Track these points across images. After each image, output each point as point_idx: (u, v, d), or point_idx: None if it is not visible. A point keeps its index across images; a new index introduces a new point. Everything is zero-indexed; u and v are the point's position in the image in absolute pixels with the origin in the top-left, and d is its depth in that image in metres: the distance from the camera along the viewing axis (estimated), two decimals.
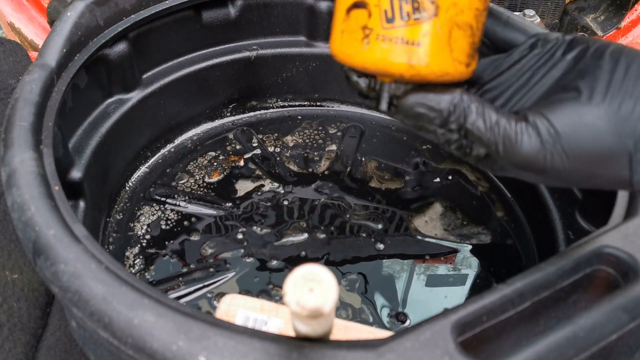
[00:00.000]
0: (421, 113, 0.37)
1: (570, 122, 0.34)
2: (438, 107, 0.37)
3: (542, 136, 0.35)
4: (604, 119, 0.34)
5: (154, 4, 0.66)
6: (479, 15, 0.37)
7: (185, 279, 0.59)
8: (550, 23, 1.05)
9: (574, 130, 0.34)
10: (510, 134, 0.35)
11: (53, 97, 0.50)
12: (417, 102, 0.37)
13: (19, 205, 0.39)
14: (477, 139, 0.37)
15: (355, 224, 0.66)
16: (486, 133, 0.36)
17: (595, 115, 0.34)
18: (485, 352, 0.34)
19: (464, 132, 0.37)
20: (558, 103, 0.36)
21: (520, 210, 0.69)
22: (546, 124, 0.35)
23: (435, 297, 0.60)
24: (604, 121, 0.34)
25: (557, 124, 0.35)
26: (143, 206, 0.67)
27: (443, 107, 0.37)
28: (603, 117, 0.34)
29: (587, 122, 0.34)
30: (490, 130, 0.36)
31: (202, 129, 0.78)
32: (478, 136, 0.36)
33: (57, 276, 0.36)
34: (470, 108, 0.36)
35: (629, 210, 0.44)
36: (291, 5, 0.76)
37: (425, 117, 0.37)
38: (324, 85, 0.82)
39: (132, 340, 0.32)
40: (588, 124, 0.34)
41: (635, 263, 0.37)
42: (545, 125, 0.35)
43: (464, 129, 0.37)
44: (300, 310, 0.28)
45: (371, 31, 0.36)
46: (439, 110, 0.37)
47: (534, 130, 0.35)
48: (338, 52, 0.39)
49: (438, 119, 0.37)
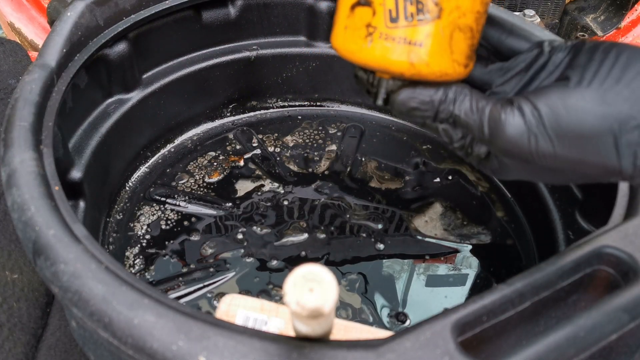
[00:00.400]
0: (413, 107, 0.38)
1: (553, 104, 0.35)
2: (429, 99, 0.38)
3: (526, 117, 0.35)
4: (589, 101, 0.34)
5: (154, 4, 0.66)
6: (479, 17, 0.38)
7: (185, 279, 0.59)
8: (550, 23, 1.05)
9: (557, 112, 0.35)
10: (496, 115, 0.36)
11: (53, 97, 0.50)
12: (409, 96, 0.38)
13: (19, 205, 0.39)
14: (465, 123, 0.38)
15: (355, 224, 0.66)
16: (472, 116, 0.37)
17: (580, 97, 0.35)
18: (485, 352, 0.34)
19: (452, 119, 0.38)
20: (546, 89, 0.36)
21: (520, 210, 0.69)
22: (530, 107, 0.36)
23: (435, 297, 0.60)
24: (588, 103, 0.34)
25: (541, 106, 0.35)
26: (143, 206, 0.67)
27: (434, 99, 0.38)
28: (588, 99, 0.34)
29: (570, 104, 0.35)
30: (477, 113, 0.37)
31: (202, 129, 0.78)
32: (465, 121, 0.38)
33: (57, 276, 0.36)
34: (459, 96, 0.38)
35: (629, 210, 0.44)
36: (291, 5, 0.76)
37: (417, 110, 0.38)
38: (324, 85, 0.82)
39: (132, 340, 0.32)
40: (571, 106, 0.35)
41: (635, 263, 0.37)
42: (529, 107, 0.36)
43: (453, 116, 0.38)
44: (300, 310, 0.28)
45: (375, 29, 0.37)
46: (430, 102, 0.38)
47: (518, 111, 0.36)
48: (340, 47, 0.39)
49: (430, 110, 0.38)
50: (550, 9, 1.03)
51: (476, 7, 0.37)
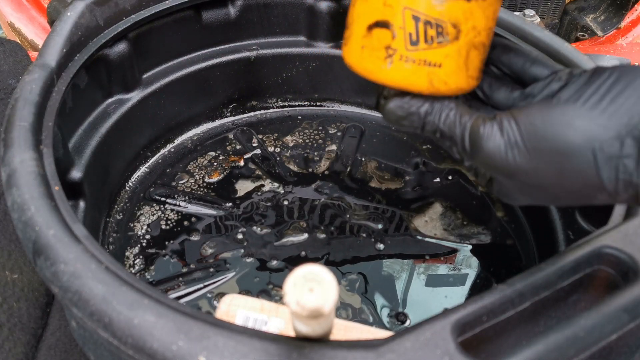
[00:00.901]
0: (401, 116, 0.39)
1: (533, 118, 0.35)
2: (416, 111, 0.39)
3: (504, 131, 0.36)
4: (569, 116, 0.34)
5: (154, 4, 0.66)
6: (490, 33, 0.39)
7: (185, 279, 0.59)
8: (550, 23, 1.05)
9: (536, 126, 0.35)
10: (475, 129, 0.37)
11: (53, 97, 0.50)
12: (397, 105, 0.39)
13: (19, 205, 0.39)
14: (449, 137, 0.39)
15: (355, 224, 0.66)
16: (455, 130, 0.38)
17: (560, 112, 0.35)
18: (485, 352, 0.34)
19: (438, 133, 0.39)
20: (530, 105, 0.37)
21: (520, 210, 0.69)
22: (510, 121, 0.36)
23: (435, 297, 0.60)
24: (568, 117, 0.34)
25: (521, 120, 0.36)
26: (143, 206, 0.67)
27: (421, 110, 0.39)
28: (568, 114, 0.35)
29: (550, 118, 0.35)
30: (459, 127, 0.38)
31: (202, 129, 0.78)
32: (449, 134, 0.38)
33: (57, 276, 0.36)
34: (445, 109, 0.38)
35: (629, 210, 0.44)
36: (291, 5, 0.76)
37: (405, 120, 0.39)
38: (324, 85, 0.81)
39: (132, 340, 0.32)
40: (551, 120, 0.35)
41: (635, 263, 0.37)
42: (508, 121, 0.36)
43: (439, 130, 0.39)
44: (300, 310, 0.28)
45: (395, 51, 0.37)
46: (416, 113, 0.39)
47: (497, 126, 0.36)
48: (357, 66, 0.40)
49: (417, 121, 0.39)
50: (550, 9, 1.03)
51: (489, 24, 0.38)
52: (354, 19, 0.39)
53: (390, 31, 0.37)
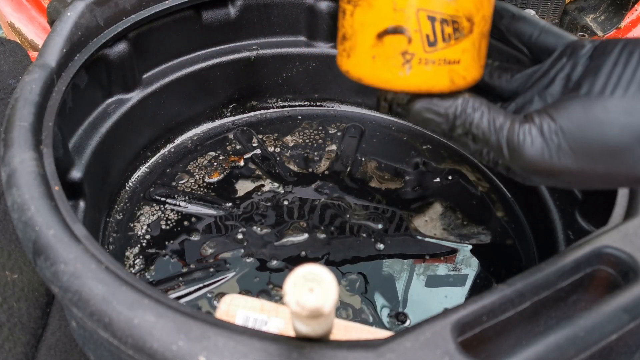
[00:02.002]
0: (428, 118, 0.38)
1: (575, 119, 0.34)
2: (444, 112, 0.37)
3: (545, 136, 0.34)
4: (612, 112, 0.33)
5: (154, 4, 0.66)
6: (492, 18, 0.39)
7: (185, 279, 0.59)
8: (550, 23, 1.05)
9: (580, 127, 0.34)
10: (514, 136, 0.35)
11: (53, 97, 0.50)
12: (424, 107, 0.37)
13: (19, 205, 0.39)
14: (484, 142, 0.37)
15: (355, 224, 0.66)
16: (491, 137, 0.36)
17: (602, 109, 0.33)
18: (485, 352, 0.34)
19: (471, 136, 0.37)
20: (564, 101, 0.35)
21: (520, 211, 0.69)
22: (550, 123, 0.34)
23: (435, 297, 0.60)
24: (611, 114, 0.33)
25: (562, 122, 0.34)
26: (143, 206, 0.67)
27: (450, 112, 0.37)
28: (611, 110, 0.33)
29: (593, 118, 0.33)
30: (495, 133, 0.36)
31: (202, 129, 0.78)
32: (484, 140, 0.36)
33: (57, 276, 0.36)
34: (476, 112, 0.36)
35: (629, 210, 0.44)
36: (291, 5, 0.76)
37: (432, 121, 0.38)
38: (324, 85, 0.82)
39: (132, 340, 0.32)
40: (594, 119, 0.33)
41: (635, 263, 0.37)
42: (548, 124, 0.34)
43: (471, 134, 0.37)
44: (300, 310, 0.28)
45: (412, 56, 0.36)
46: (445, 115, 0.37)
47: (537, 131, 0.35)
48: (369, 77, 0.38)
49: (445, 123, 0.37)
50: (550, 9, 1.03)
51: (491, 10, 0.38)
52: (355, 29, 0.37)
53: (405, 36, 0.36)
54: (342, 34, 0.39)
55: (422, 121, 0.38)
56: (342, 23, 0.38)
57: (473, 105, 0.37)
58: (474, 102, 0.37)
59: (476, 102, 0.37)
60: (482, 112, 0.36)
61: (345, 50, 0.39)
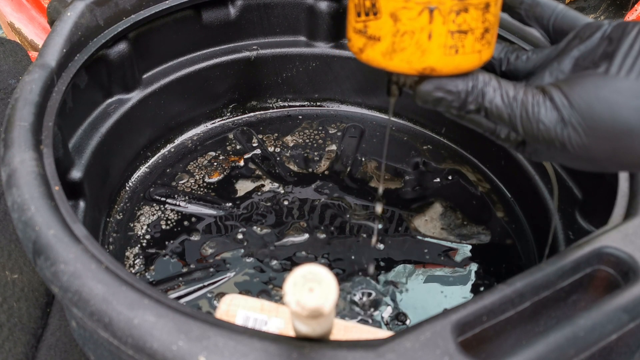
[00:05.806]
0: (439, 97, 0.37)
1: (586, 95, 0.34)
2: (456, 90, 0.37)
3: (559, 108, 0.35)
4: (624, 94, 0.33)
5: (154, 4, 0.66)
6: None
7: (185, 279, 0.59)
8: None
9: (589, 104, 0.34)
10: (527, 107, 0.35)
11: (53, 97, 0.50)
12: (435, 86, 0.37)
13: (19, 205, 0.39)
14: (498, 116, 0.36)
15: (355, 224, 0.66)
16: (505, 109, 0.36)
17: (614, 89, 0.34)
18: (485, 352, 0.34)
19: (484, 112, 0.37)
20: (577, 77, 0.35)
21: (520, 211, 0.69)
22: (562, 98, 0.35)
23: (435, 297, 0.60)
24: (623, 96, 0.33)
25: (573, 97, 0.34)
26: (143, 206, 0.67)
27: (461, 89, 0.37)
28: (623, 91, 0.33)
29: (604, 97, 0.34)
30: (509, 105, 0.36)
31: (202, 129, 0.78)
32: (498, 114, 0.36)
33: (57, 276, 0.36)
34: (488, 86, 0.36)
35: (629, 210, 0.44)
36: (291, 5, 0.76)
37: (444, 100, 0.37)
38: (324, 85, 0.82)
39: (132, 340, 0.32)
40: (605, 98, 0.34)
41: (635, 263, 0.37)
42: (561, 98, 0.35)
43: (484, 108, 0.37)
44: (300, 310, 0.28)
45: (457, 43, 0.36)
46: (456, 92, 0.37)
47: (551, 102, 0.35)
48: (448, 65, 0.37)
49: (456, 101, 0.37)
50: None
51: None
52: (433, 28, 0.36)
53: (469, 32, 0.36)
54: (398, 29, 0.36)
55: (432, 101, 0.37)
56: (400, 24, 0.37)
57: (484, 80, 0.36)
58: (484, 77, 0.37)
59: (486, 77, 0.37)
60: (494, 86, 0.36)
61: (401, 46, 0.37)
